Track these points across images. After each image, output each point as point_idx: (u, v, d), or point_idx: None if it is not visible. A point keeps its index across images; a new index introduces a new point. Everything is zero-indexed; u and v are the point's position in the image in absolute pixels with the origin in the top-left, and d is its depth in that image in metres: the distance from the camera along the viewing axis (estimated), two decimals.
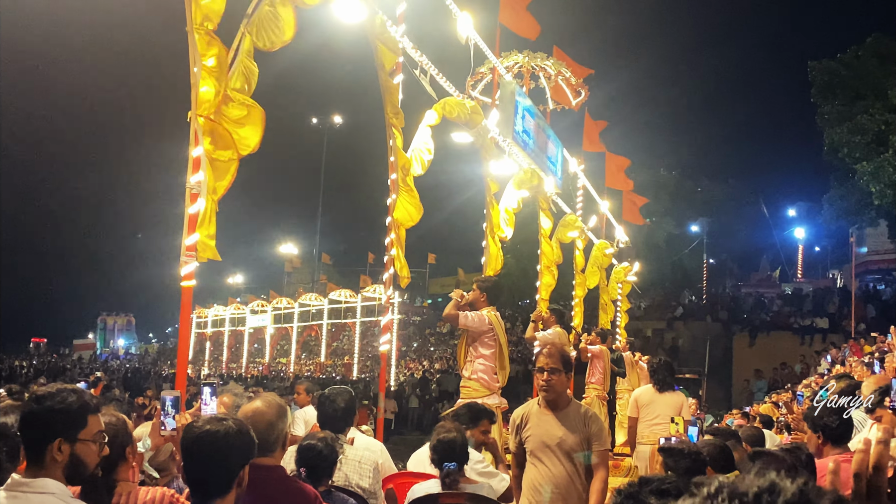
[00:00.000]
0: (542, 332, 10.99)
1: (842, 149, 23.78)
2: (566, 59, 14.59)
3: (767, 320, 35.06)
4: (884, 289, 37.36)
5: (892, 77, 24.33)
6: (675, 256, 39.98)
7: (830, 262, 51.08)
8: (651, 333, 35.89)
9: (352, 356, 37.69)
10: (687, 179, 41.39)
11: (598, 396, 12.97)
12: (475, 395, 8.10)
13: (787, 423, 11.35)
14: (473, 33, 9.89)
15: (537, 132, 12.57)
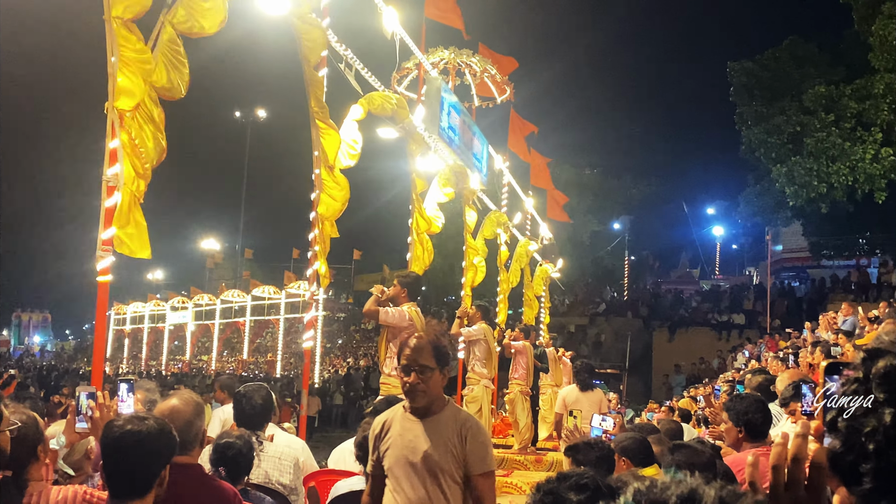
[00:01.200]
0: (468, 328, 11.02)
1: (758, 149, 24.36)
2: (492, 55, 14.65)
3: (686, 316, 35.87)
4: (798, 286, 38.46)
5: (807, 80, 25.03)
6: (598, 253, 40.58)
7: (747, 259, 52.41)
8: (574, 329, 36.38)
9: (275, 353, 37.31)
10: (610, 177, 42.04)
11: (521, 392, 13.04)
12: (395, 391, 8.06)
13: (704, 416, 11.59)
14: (399, 28, 9.85)
15: (463, 129, 12.60)
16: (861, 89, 22.29)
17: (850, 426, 1.13)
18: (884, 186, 21.38)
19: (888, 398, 1.10)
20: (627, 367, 34.28)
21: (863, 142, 21.52)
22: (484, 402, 10.74)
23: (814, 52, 26.85)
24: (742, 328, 32.68)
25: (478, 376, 10.83)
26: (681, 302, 39.05)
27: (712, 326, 33.97)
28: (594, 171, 40.22)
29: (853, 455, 1.11)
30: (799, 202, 23.13)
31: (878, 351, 1.17)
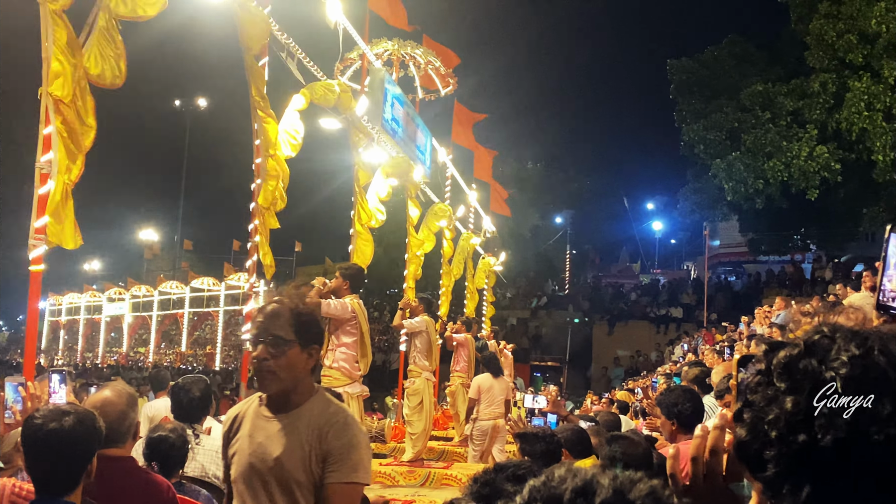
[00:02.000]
0: (410, 320, 11.01)
1: (698, 145, 24.69)
2: (436, 47, 14.62)
3: (626, 310, 36.31)
4: (735, 280, 39.14)
5: (746, 78, 25.42)
6: (540, 247, 40.85)
7: (685, 254, 53.20)
8: (515, 322, 36.59)
9: (214, 346, 36.87)
10: (552, 172, 42.32)
11: (462, 384, 13.09)
12: (336, 384, 8.03)
13: (642, 408, 11.74)
14: (343, 18, 9.77)
15: (406, 121, 12.57)
16: (797, 88, 22.72)
17: (754, 415, 1.17)
18: (817, 184, 21.83)
19: (788, 387, 1.14)
20: (568, 360, 34.60)
21: (798, 139, 21.93)
22: (425, 394, 10.75)
23: (752, 50, 27.30)
24: (680, 321, 33.19)
25: (419, 369, 10.83)
26: (621, 296, 39.52)
27: (651, 320, 34.46)
28: (537, 165, 40.47)
29: (758, 443, 1.15)
30: (736, 198, 23.50)
31: (778, 343, 1.21)
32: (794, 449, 1.10)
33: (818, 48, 21.84)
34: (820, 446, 1.08)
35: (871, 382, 1.09)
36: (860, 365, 1.10)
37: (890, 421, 1.06)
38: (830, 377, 1.10)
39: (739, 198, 23.37)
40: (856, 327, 1.19)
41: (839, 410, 1.08)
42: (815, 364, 1.13)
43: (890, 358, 1.11)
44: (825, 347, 1.15)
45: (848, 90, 20.65)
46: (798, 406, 1.11)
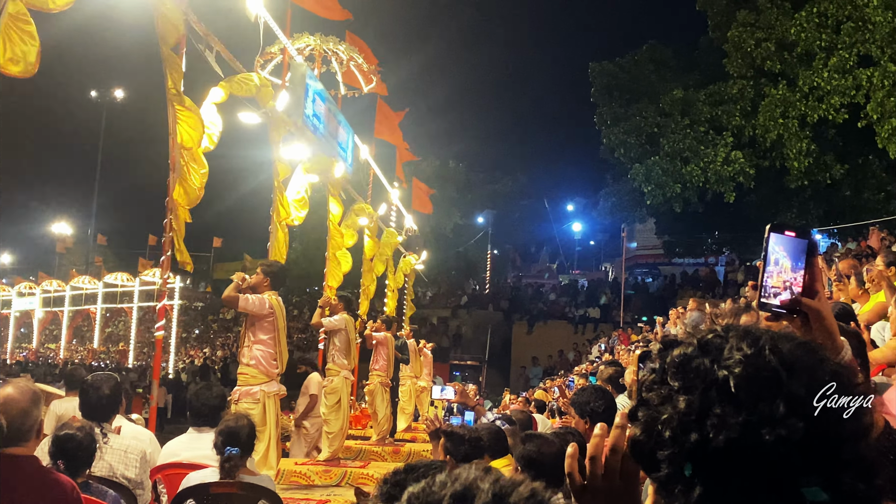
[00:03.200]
0: (329, 318, 10.94)
1: (618, 148, 25.06)
2: (359, 43, 14.52)
3: (545, 310, 36.73)
4: (651, 282, 39.92)
5: (664, 83, 25.90)
6: (462, 247, 40.98)
7: (604, 255, 54.06)
8: (436, 321, 36.69)
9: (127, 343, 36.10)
10: (474, 171, 42.48)
11: (381, 383, 13.05)
12: (253, 381, 7.93)
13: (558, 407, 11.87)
14: (263, 11, 9.63)
15: (328, 117, 12.45)
16: (715, 94, 23.23)
17: (648, 414, 1.17)
18: (732, 188, 22.37)
19: (682, 386, 1.14)
20: (487, 359, 34.81)
21: (715, 145, 22.42)
22: (343, 393, 10.69)
23: (671, 56, 27.85)
24: (597, 322, 33.70)
25: (338, 367, 10.76)
26: (540, 296, 39.94)
27: (569, 320, 34.93)
28: (459, 164, 40.54)
29: (651, 442, 1.15)
30: (655, 201, 23.91)
31: (673, 341, 1.22)
32: (686, 448, 1.10)
33: (736, 56, 22.37)
34: (712, 447, 1.08)
35: (762, 382, 1.10)
36: (752, 365, 1.11)
37: (781, 421, 1.07)
38: (723, 377, 1.11)
39: (657, 201, 23.78)
40: (749, 326, 1.20)
41: (731, 411, 1.08)
42: (707, 363, 1.14)
43: (781, 357, 1.12)
44: (718, 347, 1.16)
45: (764, 97, 21.20)
46: (691, 405, 1.11)
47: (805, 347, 1.17)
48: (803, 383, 1.10)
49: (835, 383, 1.13)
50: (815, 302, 1.72)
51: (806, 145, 20.34)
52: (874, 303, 7.08)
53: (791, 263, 1.69)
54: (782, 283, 1.70)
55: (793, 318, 1.71)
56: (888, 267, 7.22)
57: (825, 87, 19.41)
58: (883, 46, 18.14)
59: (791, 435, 1.06)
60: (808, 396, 1.09)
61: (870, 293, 7.67)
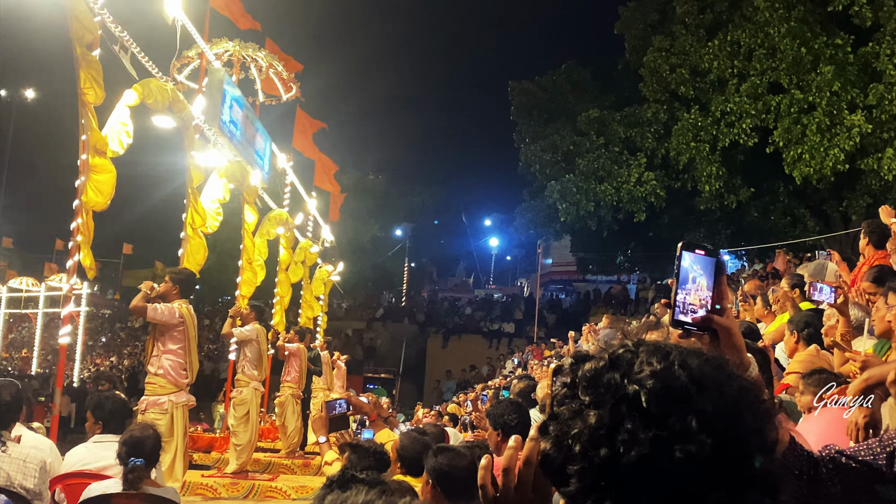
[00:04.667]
0: (240, 328, 10.77)
1: (534, 165, 25.35)
2: (278, 51, 14.41)
3: (460, 324, 36.86)
4: (564, 298, 40.42)
5: (582, 103, 26.33)
6: (379, 259, 40.85)
7: (519, 271, 54.48)
8: (351, 333, 36.49)
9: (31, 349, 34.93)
10: (393, 184, 42.47)
11: (292, 395, 12.92)
12: (161, 391, 7.76)
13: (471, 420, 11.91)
14: (182, 15, 9.49)
15: (245, 124, 12.31)
16: (629, 116, 23.69)
17: (559, 429, 1.17)
18: (644, 208, 22.83)
19: (592, 400, 1.14)
20: (401, 372, 34.75)
21: (629, 165, 22.86)
22: (252, 405, 10.52)
23: (588, 77, 28.33)
24: (512, 336, 33.98)
25: (247, 378, 10.59)
26: (456, 310, 40.08)
27: (484, 334, 35.14)
28: (378, 176, 40.48)
29: (562, 457, 1.15)
30: (569, 218, 24.22)
31: (584, 356, 1.23)
32: (596, 464, 1.10)
33: (651, 80, 22.88)
34: (622, 462, 1.08)
35: (672, 398, 1.10)
36: (662, 380, 1.12)
37: (691, 437, 1.07)
38: (633, 391, 1.11)
39: (572, 218, 24.10)
40: (659, 342, 1.21)
41: (641, 426, 1.08)
42: (618, 378, 1.14)
43: (690, 373, 1.13)
44: (629, 361, 1.16)
45: (677, 121, 21.72)
46: (601, 420, 1.11)
47: (713, 364, 1.17)
48: (712, 399, 1.11)
49: (741, 399, 1.14)
50: (725, 319, 1.76)
51: (716, 169, 20.88)
52: (779, 323, 7.30)
53: (706, 282, 1.73)
54: (699, 301, 1.73)
55: (703, 335, 1.75)
56: (792, 288, 7.48)
57: (736, 112, 19.98)
58: (790, 74, 18.78)
59: (700, 451, 1.06)
60: (716, 412, 1.10)
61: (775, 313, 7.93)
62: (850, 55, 18.37)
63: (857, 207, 19.18)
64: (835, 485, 2.04)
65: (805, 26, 18.73)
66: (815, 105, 18.26)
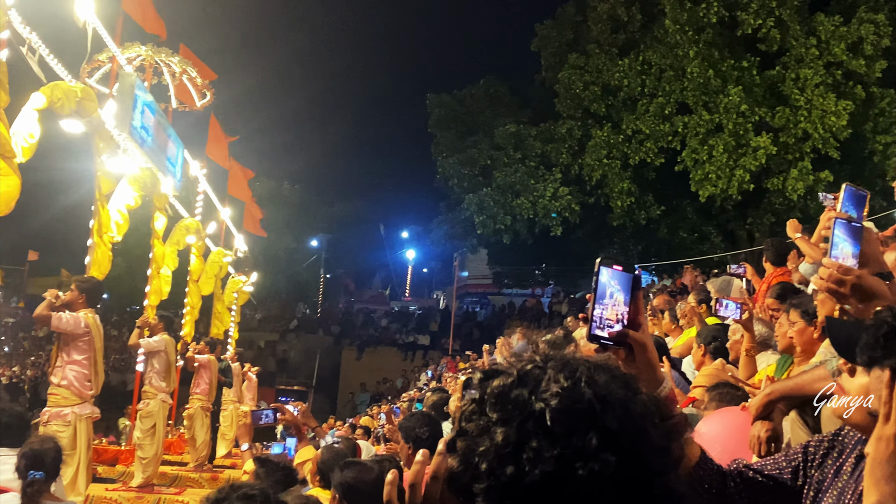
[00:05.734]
0: (148, 339, 10.53)
1: (452, 178, 25.54)
2: (193, 58, 14.18)
3: (376, 336, 36.75)
4: (479, 311, 40.64)
5: (499, 118, 26.66)
6: (294, 269, 40.45)
7: (436, 283, 54.52)
8: (264, 344, 36.03)
9: None
10: (310, 194, 42.09)
11: (202, 407, 12.69)
12: (64, 403, 7.55)
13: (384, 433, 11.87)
14: (93, 17, 9.28)
15: (157, 130, 12.06)
16: (545, 132, 24.05)
17: (466, 445, 1.16)
18: (559, 223, 23.17)
19: (500, 418, 1.13)
20: (315, 384, 34.45)
21: (544, 180, 23.20)
22: (159, 417, 10.28)
23: (506, 92, 28.69)
24: (427, 349, 34.00)
25: (155, 390, 10.35)
26: (371, 322, 39.93)
27: (399, 346, 35.08)
28: (294, 186, 40.09)
29: (469, 475, 1.14)
30: (486, 232, 24.44)
31: (494, 371, 1.21)
32: (502, 482, 1.09)
33: (566, 96, 23.29)
34: (527, 481, 1.07)
35: (576, 416, 1.10)
36: (567, 398, 1.11)
37: (594, 455, 1.07)
38: (540, 409, 1.11)
39: (488, 232, 24.33)
40: (568, 356, 1.20)
41: (547, 444, 1.08)
42: (525, 395, 1.13)
43: (596, 390, 1.13)
44: (536, 378, 1.15)
45: (591, 138, 22.13)
46: (508, 438, 1.10)
47: (620, 380, 1.17)
48: (617, 417, 1.11)
49: (647, 416, 1.15)
50: (640, 335, 1.78)
51: (627, 185, 21.35)
52: (686, 337, 7.48)
53: (623, 297, 1.75)
54: (615, 316, 1.75)
55: (619, 349, 1.76)
56: (699, 304, 7.68)
57: (646, 131, 20.46)
58: (698, 96, 19.32)
59: (603, 469, 1.06)
60: (620, 430, 1.10)
61: (682, 328, 8.13)
62: (756, 77, 19.00)
63: (762, 225, 19.82)
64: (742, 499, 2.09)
65: (714, 49, 19.31)
66: (723, 126, 18.82)
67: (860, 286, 2.20)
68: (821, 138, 18.08)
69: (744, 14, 18.98)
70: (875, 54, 18.42)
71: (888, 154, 18.31)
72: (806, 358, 4.22)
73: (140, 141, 11.12)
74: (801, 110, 18.20)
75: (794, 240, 6.18)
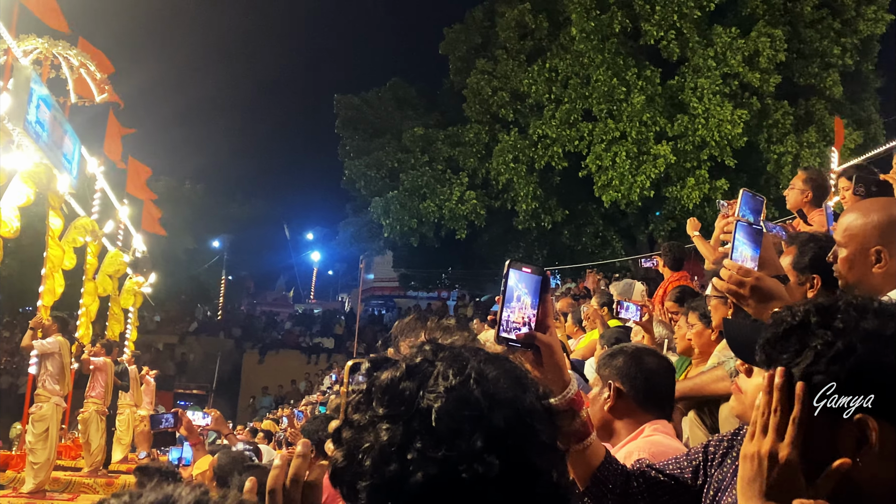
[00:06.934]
0: (41, 340, 10.18)
1: (358, 181, 25.44)
2: (93, 51, 13.76)
3: (279, 338, 36.34)
4: (385, 314, 40.59)
5: (407, 120, 26.69)
6: (194, 271, 39.62)
7: (341, 286, 54.27)
8: (162, 347, 35.22)
9: None
10: (211, 194, 41.27)
11: (97, 411, 12.32)
12: None
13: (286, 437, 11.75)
14: None
15: (53, 125, 11.65)
16: (453, 136, 24.18)
17: (352, 439, 1.13)
18: (465, 226, 23.30)
19: (387, 413, 1.11)
20: (215, 388, 33.85)
21: (451, 184, 23.30)
22: (52, 421, 9.96)
23: (414, 95, 28.72)
24: (331, 352, 33.78)
25: (48, 393, 10.03)
26: (274, 324, 39.46)
27: (303, 349, 34.78)
28: (196, 185, 39.25)
29: (352, 470, 1.11)
30: (392, 234, 24.42)
31: (384, 360, 1.18)
32: (385, 480, 1.07)
33: (474, 101, 23.45)
34: (410, 482, 1.05)
35: (462, 417, 1.08)
36: (454, 398, 1.09)
37: (479, 458, 1.05)
38: (426, 407, 1.09)
39: (395, 234, 24.31)
40: (458, 348, 1.18)
41: (431, 446, 1.06)
42: (413, 389, 1.11)
43: (485, 388, 1.11)
44: (425, 372, 1.13)
45: (498, 142, 22.32)
46: (393, 437, 1.08)
47: (510, 375, 1.15)
48: (504, 416, 1.09)
49: (535, 413, 1.13)
50: (547, 337, 1.79)
51: (533, 189, 21.60)
52: (589, 339, 7.61)
53: (531, 300, 1.75)
54: (522, 319, 1.75)
55: (526, 351, 1.77)
56: (602, 306, 7.82)
57: (552, 136, 20.74)
58: (603, 103, 19.69)
59: (488, 472, 1.05)
60: (507, 428, 1.08)
61: (586, 330, 8.27)
62: (658, 87, 19.47)
63: (662, 230, 20.30)
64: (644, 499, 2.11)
65: (618, 57, 19.71)
66: (626, 133, 19.22)
67: (759, 287, 2.26)
68: (717, 146, 18.60)
69: (647, 25, 19.43)
70: (769, 68, 19.04)
71: (781, 164, 18.93)
72: (703, 359, 4.32)
73: (35, 136, 10.73)
74: (698, 118, 18.70)
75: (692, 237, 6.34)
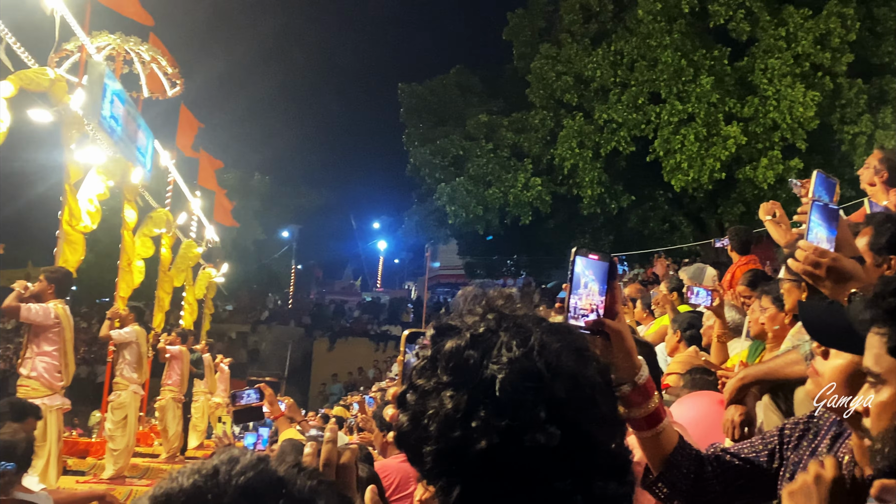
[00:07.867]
0: (119, 330, 10.46)
1: (423, 169, 25.43)
2: (162, 47, 14.04)
3: (347, 326, 36.69)
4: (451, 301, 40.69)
5: (470, 107, 26.60)
6: (265, 261, 40.22)
7: (407, 274, 54.53)
8: (235, 336, 35.83)
9: None
10: (280, 185, 41.80)
11: (173, 398, 12.62)
12: (34, 394, 7.47)
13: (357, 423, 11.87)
14: (61, 5, 9.17)
15: (127, 120, 11.94)
16: (517, 122, 24.03)
17: (416, 404, 1.16)
18: (530, 213, 23.19)
19: (451, 381, 1.13)
20: (286, 376, 34.34)
21: (516, 170, 23.19)
22: (130, 409, 10.22)
23: (477, 82, 28.62)
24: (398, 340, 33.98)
25: (126, 381, 10.29)
26: (343, 312, 39.86)
27: (371, 337, 35.07)
28: (265, 176, 39.78)
29: (417, 434, 1.14)
30: (458, 222, 24.40)
31: (448, 328, 1.20)
32: (450, 446, 1.10)
33: (538, 86, 23.27)
34: (473, 449, 1.08)
35: (526, 387, 1.10)
36: (517, 369, 1.11)
37: (541, 428, 1.07)
38: (490, 376, 1.10)
39: (461, 222, 24.28)
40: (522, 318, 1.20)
41: (495, 415, 1.08)
42: (476, 358, 1.13)
43: (547, 359, 1.12)
44: (489, 342, 1.15)
45: (562, 128, 22.15)
46: (458, 405, 1.10)
47: (572, 346, 1.17)
48: (566, 387, 1.11)
49: (597, 386, 1.15)
50: (616, 323, 1.80)
51: (598, 175, 21.40)
52: (658, 325, 7.57)
53: (598, 287, 1.76)
54: (590, 306, 1.76)
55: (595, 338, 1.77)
56: (671, 292, 7.76)
57: (618, 120, 20.52)
58: (670, 85, 19.40)
59: (549, 441, 1.07)
60: (569, 399, 1.10)
61: (655, 315, 8.21)
62: (727, 67, 19.11)
63: (731, 215, 19.94)
64: (717, 483, 2.12)
65: (686, 39, 19.39)
66: (694, 115, 18.91)
67: (836, 268, 2.22)
68: (789, 128, 18.21)
69: (715, 5, 19.09)
70: (841, 47, 18.57)
71: (855, 144, 18.45)
72: (777, 343, 4.27)
73: (109, 130, 11.01)
74: (769, 100, 18.33)
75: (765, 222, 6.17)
